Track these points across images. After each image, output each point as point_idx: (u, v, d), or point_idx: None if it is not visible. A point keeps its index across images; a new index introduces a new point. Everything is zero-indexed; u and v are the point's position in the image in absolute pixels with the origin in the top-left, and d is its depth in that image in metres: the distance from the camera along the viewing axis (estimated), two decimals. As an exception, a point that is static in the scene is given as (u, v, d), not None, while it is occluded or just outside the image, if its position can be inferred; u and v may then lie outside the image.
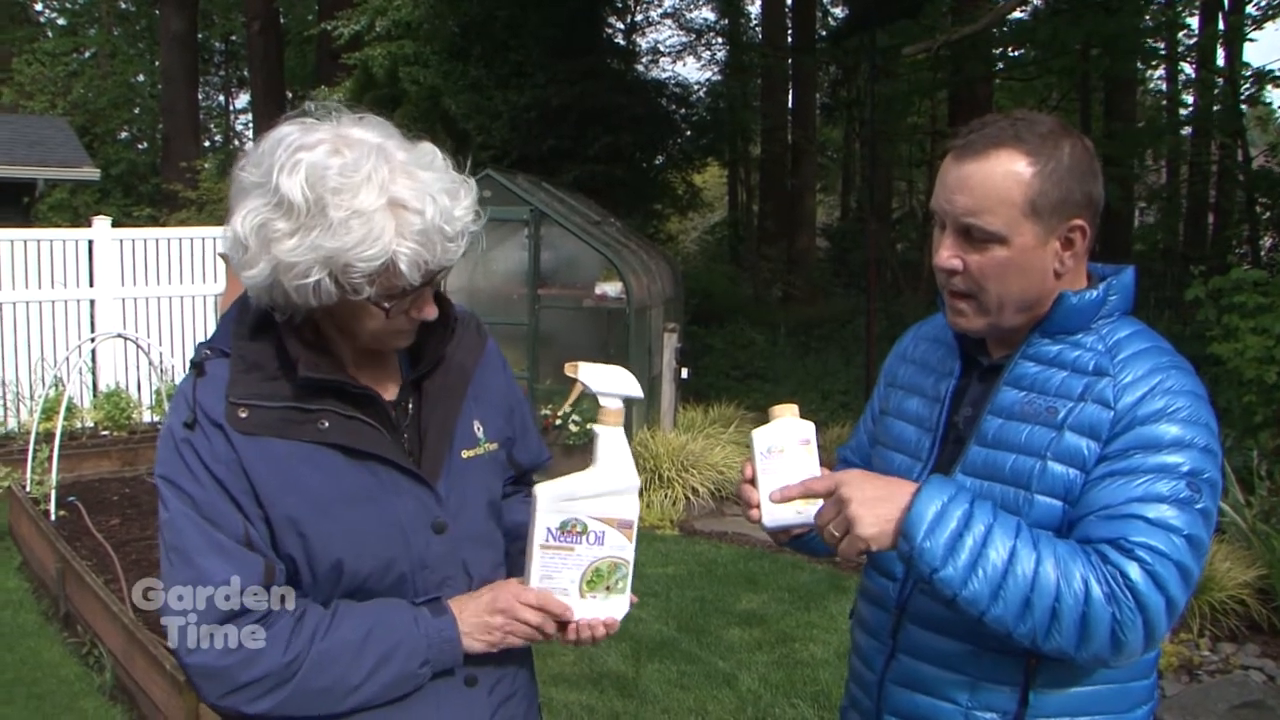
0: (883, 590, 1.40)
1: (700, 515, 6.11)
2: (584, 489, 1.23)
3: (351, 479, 1.18)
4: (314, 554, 1.16)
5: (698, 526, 5.94)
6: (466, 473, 1.28)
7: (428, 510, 1.24)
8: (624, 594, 1.27)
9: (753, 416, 7.83)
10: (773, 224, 16.52)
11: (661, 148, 13.61)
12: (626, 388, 1.25)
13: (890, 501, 1.19)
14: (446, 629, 1.22)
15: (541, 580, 1.23)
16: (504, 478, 1.39)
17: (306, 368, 1.16)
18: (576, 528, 1.22)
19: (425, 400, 1.28)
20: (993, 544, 1.15)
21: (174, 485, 1.14)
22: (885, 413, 1.47)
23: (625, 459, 1.24)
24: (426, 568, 1.23)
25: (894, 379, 1.49)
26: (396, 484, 1.21)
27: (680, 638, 4.27)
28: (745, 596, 4.81)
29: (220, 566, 1.12)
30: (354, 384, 1.19)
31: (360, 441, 1.19)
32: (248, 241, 1.11)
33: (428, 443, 1.26)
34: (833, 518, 1.21)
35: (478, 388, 1.34)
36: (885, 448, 1.44)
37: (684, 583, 4.95)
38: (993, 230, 1.24)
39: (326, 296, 1.12)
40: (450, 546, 1.25)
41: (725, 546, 5.59)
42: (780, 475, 1.30)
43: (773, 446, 1.31)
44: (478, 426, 1.32)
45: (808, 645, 4.22)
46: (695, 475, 6.20)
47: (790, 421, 1.32)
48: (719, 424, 7.21)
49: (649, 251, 8.60)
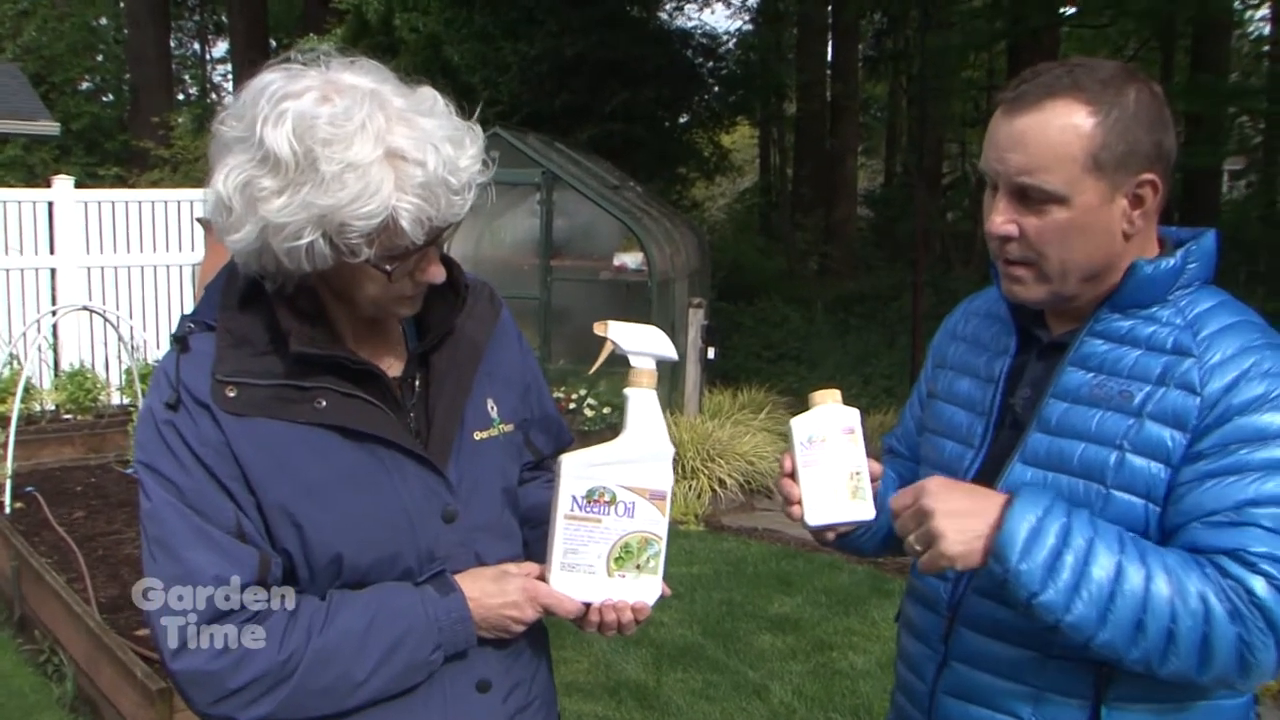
0: (933, 591, 1.40)
1: (728, 509, 6.11)
2: (613, 455, 1.24)
3: (352, 463, 1.18)
4: (311, 546, 1.17)
5: (725, 522, 5.95)
6: (479, 456, 1.28)
7: (436, 497, 1.24)
8: (656, 575, 1.27)
9: (785, 401, 7.87)
10: (809, 190, 16.44)
11: (686, 105, 13.56)
12: (660, 348, 1.27)
13: (978, 516, 1.18)
14: (456, 608, 1.22)
15: (565, 555, 1.24)
16: (520, 463, 1.39)
17: (300, 342, 1.16)
18: (604, 496, 1.23)
19: (433, 377, 1.28)
20: (1096, 560, 1.15)
21: (156, 472, 1.14)
22: (934, 396, 1.47)
23: (658, 424, 1.25)
24: (435, 560, 1.24)
25: (943, 359, 1.49)
26: (402, 468, 1.21)
27: (706, 644, 4.29)
28: (778, 599, 4.81)
29: (210, 560, 1.12)
30: (353, 359, 1.19)
31: (361, 422, 1.18)
32: (232, 202, 1.11)
33: (436, 423, 1.26)
34: (914, 529, 1.21)
35: (491, 363, 1.33)
36: (935, 434, 1.44)
37: (710, 583, 4.96)
38: (1051, 190, 1.23)
39: (321, 260, 1.12)
40: (461, 537, 1.26)
41: (755, 544, 5.60)
42: (823, 467, 1.32)
43: (814, 436, 1.32)
44: (491, 406, 1.32)
45: (847, 654, 4.22)
46: (722, 465, 6.21)
47: (832, 408, 1.33)
48: (749, 409, 7.22)
49: (672, 219, 8.60)
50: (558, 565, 1.25)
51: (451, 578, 1.24)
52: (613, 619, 1.27)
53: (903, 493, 1.25)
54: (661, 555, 1.27)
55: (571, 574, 1.26)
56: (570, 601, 1.26)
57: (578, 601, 1.26)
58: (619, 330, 1.26)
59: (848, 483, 1.32)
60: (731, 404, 7.40)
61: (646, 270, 6.90)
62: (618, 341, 1.25)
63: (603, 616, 1.27)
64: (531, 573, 1.28)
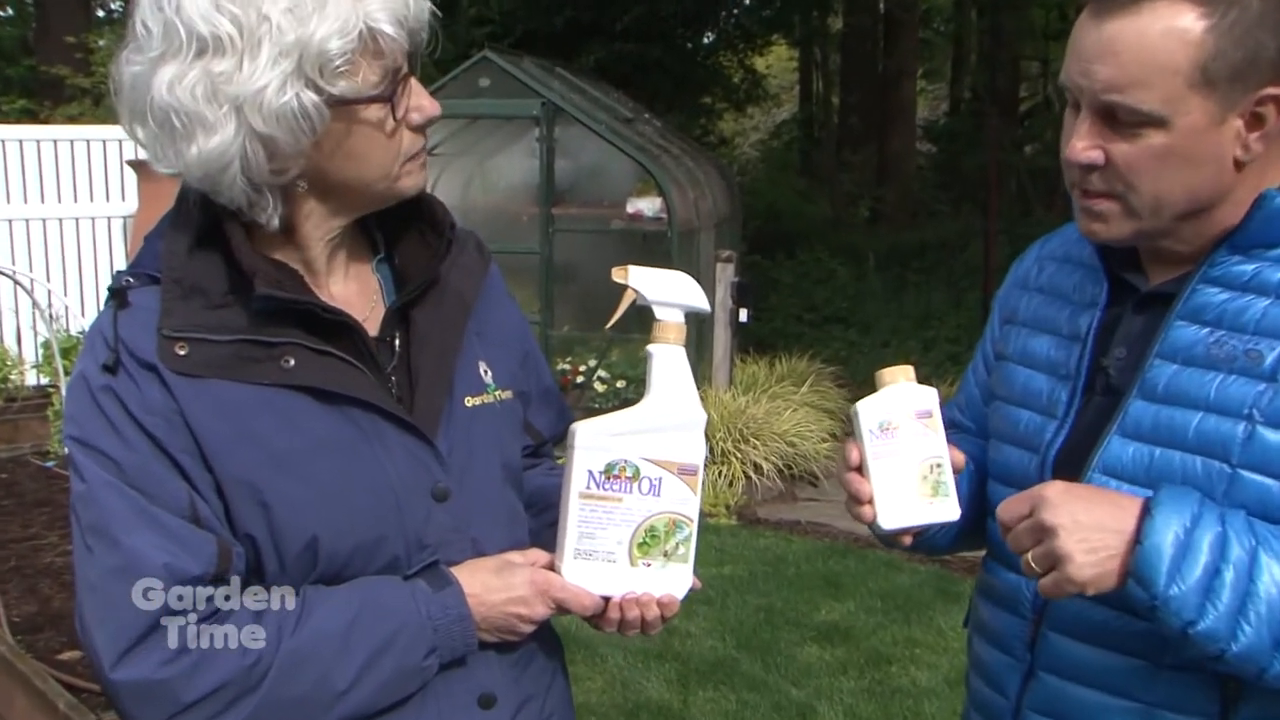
0: (1012, 588, 1.39)
1: (765, 500, 6.14)
2: (635, 423, 1.25)
3: (326, 430, 1.20)
4: (281, 530, 1.18)
5: (761, 514, 5.97)
6: (472, 425, 1.31)
7: (425, 471, 1.26)
8: (686, 563, 1.28)
9: (831, 372, 7.90)
10: (859, 122, 16.36)
11: (711, 21, 13.50)
12: (690, 297, 1.28)
13: (1110, 530, 1.16)
14: (454, 604, 1.23)
15: (580, 541, 1.25)
16: (520, 440, 1.42)
17: (266, 284, 1.17)
18: (625, 471, 1.25)
19: (415, 334, 1.30)
20: (1261, 575, 1.12)
21: (91, 448, 1.15)
22: (1004, 358, 1.47)
23: (688, 387, 1.26)
24: (426, 548, 1.25)
25: (1013, 313, 1.48)
26: (384, 437, 1.23)
27: (740, 658, 4.31)
28: (825, 604, 4.84)
29: (157, 546, 1.12)
30: (326, 306, 1.21)
31: (336, 382, 1.20)
32: (184, 115, 1.14)
33: (421, 386, 1.28)
34: (1031, 546, 1.19)
35: (481, 321, 1.37)
36: (1006, 403, 1.44)
37: (744, 586, 4.99)
38: (1147, 110, 1.20)
39: (317, 118, 1.15)
40: (456, 519, 1.28)
41: (797, 539, 5.62)
42: (898, 459, 1.33)
43: (885, 422, 1.33)
44: (483, 369, 1.35)
45: (908, 668, 4.25)
46: (758, 448, 6.23)
47: (906, 389, 1.34)
48: (788, 382, 7.24)
49: (696, 158, 8.59)
50: (571, 553, 1.26)
51: (446, 569, 1.25)
52: (636, 615, 1.28)
53: (1014, 501, 1.23)
54: (693, 541, 1.28)
55: (588, 563, 1.26)
56: (587, 595, 1.27)
57: (595, 595, 1.27)
58: (642, 276, 1.27)
59: (927, 477, 1.33)
60: (768, 375, 7.42)
61: (666, 219, 6.91)
62: (640, 289, 1.26)
63: (624, 613, 1.28)
64: (539, 562, 1.29)
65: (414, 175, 1.26)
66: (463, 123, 7.39)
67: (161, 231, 1.23)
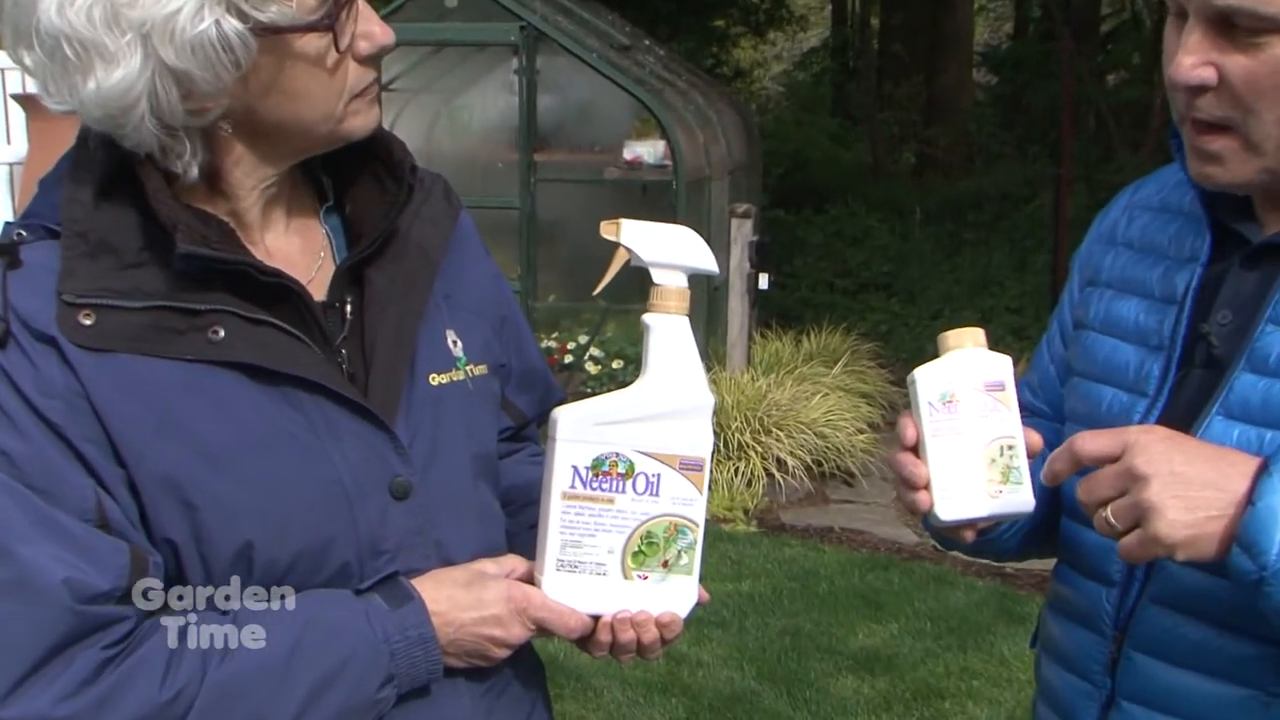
0: (1090, 600, 1.39)
1: (791, 502, 6.11)
2: (629, 408, 1.26)
3: (263, 416, 1.20)
4: (208, 534, 1.17)
5: (786, 519, 5.94)
6: (439, 407, 1.32)
7: (382, 463, 1.26)
8: (691, 576, 1.30)
9: (869, 349, 7.85)
10: (903, 49, 16.28)
11: (725, -74, 13.41)
12: (692, 256, 1.29)
13: (1216, 487, 1.15)
14: (415, 624, 1.24)
15: (564, 550, 1.27)
16: (496, 424, 1.42)
17: (189, 239, 1.16)
18: (617, 466, 1.26)
19: (370, 298, 1.30)
20: None
21: None
22: (1084, 326, 1.48)
23: (691, 364, 1.27)
24: (382, 554, 1.26)
25: (1095, 273, 1.49)
26: (333, 423, 1.23)
27: (761, 691, 4.30)
28: (863, 627, 4.83)
29: (55, 559, 1.10)
30: (262, 267, 1.21)
31: (275, 358, 1.20)
32: (82, 40, 1.12)
33: (377, 361, 1.28)
34: (1113, 496, 1.18)
35: (450, 282, 1.37)
36: (1087, 379, 1.44)
37: (766, 606, 4.99)
38: (1270, 13, 1.19)
39: (243, 51, 1.14)
40: (418, 521, 1.28)
41: (830, 550, 5.59)
42: (961, 438, 1.33)
43: (948, 393, 1.33)
44: (452, 340, 1.36)
45: (964, 703, 4.24)
46: (782, 440, 6.20)
47: (974, 355, 1.35)
48: (818, 361, 7.18)
49: (707, 94, 8.56)
50: (553, 563, 1.27)
51: (406, 582, 1.26)
52: (631, 637, 1.28)
53: (1099, 437, 1.21)
54: (698, 549, 1.29)
55: (573, 575, 1.27)
56: (572, 614, 1.27)
57: (582, 614, 1.28)
58: (636, 232, 1.27)
59: (996, 460, 1.33)
60: (794, 354, 7.38)
61: (670, 166, 6.84)
62: (633, 248, 1.27)
63: (617, 635, 1.29)
64: (517, 573, 1.30)
65: (362, 115, 1.26)
66: (425, 52, 7.35)
67: (60, 177, 1.22)
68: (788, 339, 7.65)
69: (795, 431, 6.27)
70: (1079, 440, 1.21)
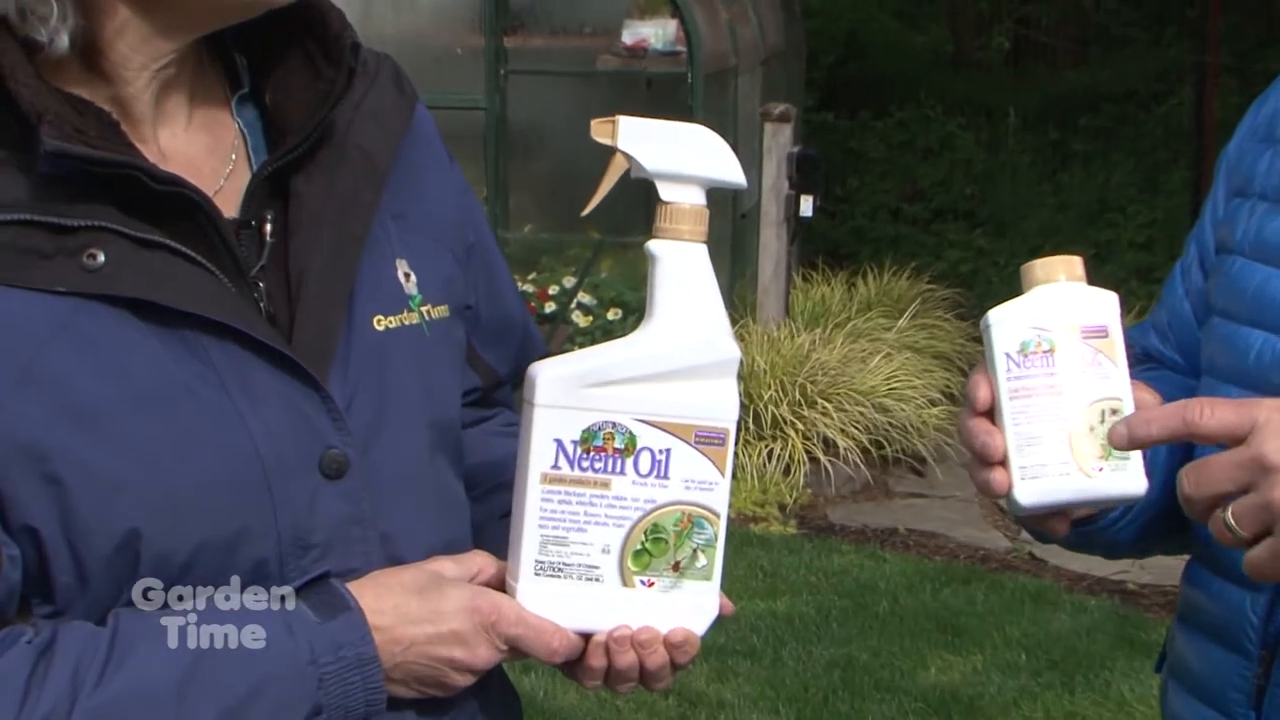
0: (1230, 610, 1.33)
1: (842, 495, 5.85)
2: (629, 364, 1.18)
3: (156, 368, 1.11)
4: (81, 520, 1.09)
5: (836, 517, 5.64)
6: (385, 359, 1.23)
7: (311, 431, 1.17)
8: (710, 581, 1.21)
9: (946, 297, 7.52)
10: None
11: None
12: (712, 164, 1.21)
13: None
14: (352, 641, 1.14)
15: (545, 548, 1.19)
16: (460, 383, 1.35)
17: (58, 132, 1.07)
18: (614, 440, 1.18)
19: (297, 217, 1.21)
20: None
21: None
22: (1229, 249, 1.41)
23: (710, 306, 1.19)
24: (310, 549, 1.16)
25: (1247, 180, 1.42)
26: (246, 377, 1.14)
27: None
28: (936, 659, 4.51)
29: None
30: (156, 171, 1.11)
31: (172, 292, 1.11)
32: None
33: (305, 298, 1.19)
34: (1234, 491, 1.08)
35: (401, 197, 1.28)
36: (1230, 319, 1.36)
37: (809, 630, 4.70)
38: None
39: None
40: (357, 505, 1.19)
41: (893, 557, 5.32)
42: (1050, 400, 1.21)
43: (1033, 341, 1.22)
44: (403, 272, 1.27)
45: (1070, 756, 4.06)
46: (830, 415, 5.83)
47: (1068, 292, 1.24)
48: (879, 312, 6.89)
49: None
50: (531, 565, 1.19)
51: (341, 586, 1.16)
52: (631, 661, 1.18)
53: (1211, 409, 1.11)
54: (719, 547, 1.20)
55: (557, 581, 1.19)
56: (555, 631, 1.18)
57: (569, 631, 1.18)
58: (637, 133, 1.19)
59: (1096, 428, 1.20)
60: (845, 302, 7.08)
61: (684, 53, 6.45)
62: (635, 154, 1.18)
63: (614, 658, 1.18)
64: (485, 575, 1.22)
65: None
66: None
67: None
68: (838, 282, 7.30)
69: (848, 403, 5.90)
70: (1193, 409, 1.12)
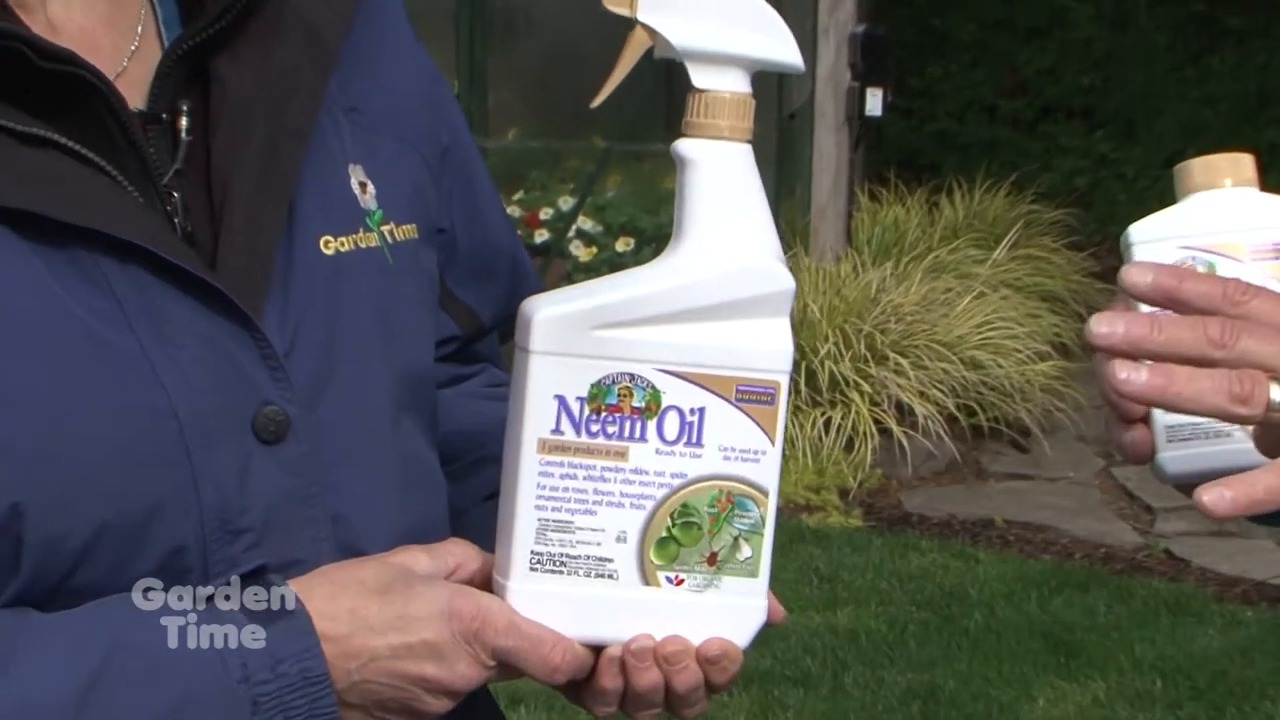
0: None
1: (921, 478, 5.10)
2: (650, 298, 1.04)
3: (42, 299, 0.99)
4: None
5: (913, 505, 4.99)
6: (337, 291, 1.09)
7: (242, 382, 1.04)
8: (756, 579, 1.07)
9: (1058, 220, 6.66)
10: None
11: None
12: (759, 41, 1.07)
13: None
14: (295, 653, 1.02)
15: (543, 536, 1.05)
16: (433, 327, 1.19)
17: None
18: (631, 397, 1.04)
19: (221, 108, 1.08)
20: None
21: None
22: None
23: (755, 221, 1.04)
24: (242, 534, 1.03)
25: None
26: (156, 313, 1.00)
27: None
28: (1047, 688, 3.91)
29: None
30: (44, 44, 1.01)
31: (62, 202, 0.99)
32: None
33: (231, 212, 1.06)
34: None
35: (356, 86, 1.15)
36: None
37: (879, 651, 4.11)
38: None
39: None
40: (302, 478, 1.06)
41: (988, 555, 4.67)
42: None
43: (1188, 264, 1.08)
44: (359, 181, 1.12)
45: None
46: (905, 373, 5.09)
47: (1234, 200, 1.11)
48: (968, 240, 6.11)
49: None
50: (525, 558, 1.04)
51: (282, 583, 1.04)
52: (653, 682, 1.03)
53: None
54: (767, 535, 1.06)
55: (559, 578, 1.04)
56: (555, 643, 1.03)
57: (574, 642, 1.03)
58: None
59: None
60: (925, 228, 6.31)
61: None
62: (658, 26, 1.04)
63: (631, 678, 1.03)
64: (465, 571, 1.07)
65: None
66: None
67: None
68: (915, 202, 6.48)
69: (928, 358, 5.14)
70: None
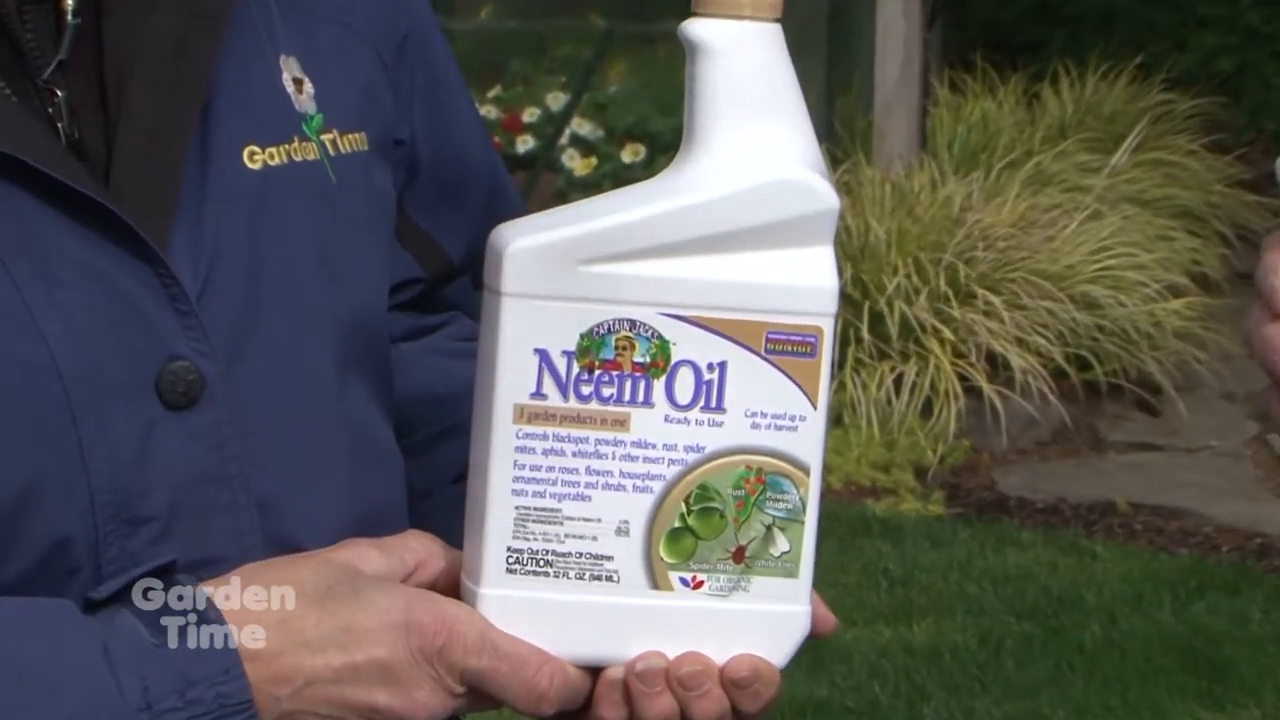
0: None
1: (1021, 450, 4.53)
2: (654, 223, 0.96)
3: None
4: None
5: (1010, 487, 4.42)
6: (262, 215, 1.02)
7: (143, 332, 0.98)
8: (794, 578, 0.99)
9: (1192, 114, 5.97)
10: None
11: None
12: None
13: None
14: (212, 674, 0.97)
15: (520, 530, 0.98)
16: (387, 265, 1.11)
17: None
18: (631, 350, 0.96)
19: None
20: None
21: None
22: None
23: (787, 123, 0.96)
24: (146, 522, 0.98)
25: None
26: (33, 242, 0.96)
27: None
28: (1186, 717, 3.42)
29: None
30: None
31: None
32: None
33: (129, 115, 1.00)
34: None
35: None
36: None
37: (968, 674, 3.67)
38: None
39: None
40: (220, 452, 1.00)
41: (1108, 550, 4.15)
42: None
43: None
44: (292, 75, 1.06)
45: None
46: (998, 316, 4.49)
47: None
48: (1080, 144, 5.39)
49: None
50: (500, 556, 0.96)
51: (196, 586, 0.98)
52: (667, 710, 0.94)
53: None
54: (809, 522, 0.96)
55: (543, 580, 0.97)
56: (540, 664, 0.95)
57: (564, 662, 0.95)
58: None
59: None
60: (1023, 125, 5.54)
61: None
62: None
63: (639, 705, 0.95)
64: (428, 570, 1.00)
65: None
66: None
67: None
68: (1009, 94, 5.77)
69: (1028, 295, 4.53)
70: None
